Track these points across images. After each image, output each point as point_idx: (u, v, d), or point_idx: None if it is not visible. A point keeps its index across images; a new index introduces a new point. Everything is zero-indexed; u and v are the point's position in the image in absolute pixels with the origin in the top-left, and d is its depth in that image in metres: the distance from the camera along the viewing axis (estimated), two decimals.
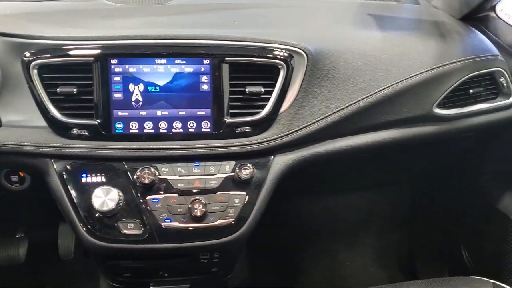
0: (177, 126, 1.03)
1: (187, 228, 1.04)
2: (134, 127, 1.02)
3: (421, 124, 1.20)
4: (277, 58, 1.04)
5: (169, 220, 1.03)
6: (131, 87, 1.01)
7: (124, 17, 1.16)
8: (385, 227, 1.97)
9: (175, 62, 1.02)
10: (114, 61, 1.00)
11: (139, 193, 1.03)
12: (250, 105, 1.05)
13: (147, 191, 1.03)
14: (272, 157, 1.09)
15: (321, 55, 1.08)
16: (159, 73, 1.01)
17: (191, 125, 1.04)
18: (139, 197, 1.03)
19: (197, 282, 1.22)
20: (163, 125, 1.03)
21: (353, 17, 1.32)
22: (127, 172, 1.03)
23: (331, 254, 1.92)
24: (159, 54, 1.01)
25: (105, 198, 1.00)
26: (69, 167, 1.03)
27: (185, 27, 1.10)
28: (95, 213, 1.01)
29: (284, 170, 1.09)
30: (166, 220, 1.03)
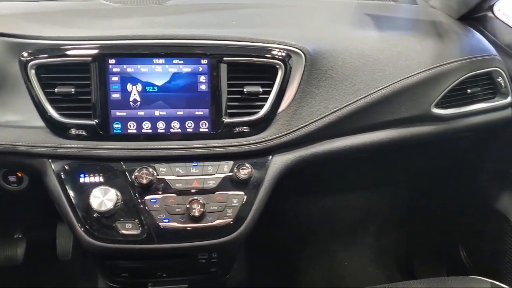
0: (175, 126, 1.03)
1: (185, 228, 1.04)
2: (132, 127, 1.02)
3: (419, 124, 1.20)
4: (275, 58, 1.04)
5: (167, 220, 1.03)
6: (129, 87, 1.01)
7: (122, 17, 1.16)
8: (383, 227, 1.97)
9: (173, 62, 1.01)
10: (112, 61, 1.00)
11: (137, 193, 1.03)
12: (248, 105, 1.05)
13: (145, 191, 1.03)
14: (270, 157, 1.09)
15: (319, 55, 1.08)
16: (157, 73, 1.01)
17: (189, 125, 1.03)
18: (137, 197, 1.03)
19: (195, 282, 1.22)
20: (161, 125, 1.03)
21: (351, 17, 1.33)
22: (125, 172, 1.03)
23: (329, 254, 1.92)
24: (157, 54, 1.01)
25: (103, 198, 1.00)
26: (67, 167, 1.03)
27: (183, 27, 1.10)
28: (93, 213, 1.01)
29: (282, 170, 1.09)
30: (164, 220, 1.03)
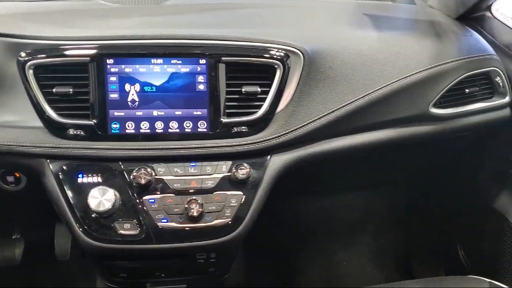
0: (174, 126, 1.03)
1: (184, 228, 1.04)
2: (130, 127, 1.02)
3: (417, 123, 1.20)
4: (274, 58, 1.04)
5: (165, 220, 1.03)
6: (127, 87, 1.01)
7: (120, 17, 1.16)
8: (382, 226, 1.97)
9: (171, 62, 1.01)
10: (110, 61, 1.00)
11: (135, 193, 1.03)
12: (246, 105, 1.05)
13: (143, 191, 1.03)
14: (268, 157, 1.09)
15: (317, 55, 1.08)
16: (155, 73, 1.01)
17: (188, 125, 1.03)
18: (136, 197, 1.03)
19: (194, 282, 1.22)
20: (159, 125, 1.03)
21: (350, 17, 1.33)
22: (124, 172, 1.03)
23: (328, 254, 1.92)
24: (155, 54, 1.01)
25: (102, 198, 0.99)
26: (65, 168, 1.03)
27: (181, 27, 1.10)
28: (91, 214, 1.01)
29: (280, 170, 1.09)
30: (162, 220, 1.03)
